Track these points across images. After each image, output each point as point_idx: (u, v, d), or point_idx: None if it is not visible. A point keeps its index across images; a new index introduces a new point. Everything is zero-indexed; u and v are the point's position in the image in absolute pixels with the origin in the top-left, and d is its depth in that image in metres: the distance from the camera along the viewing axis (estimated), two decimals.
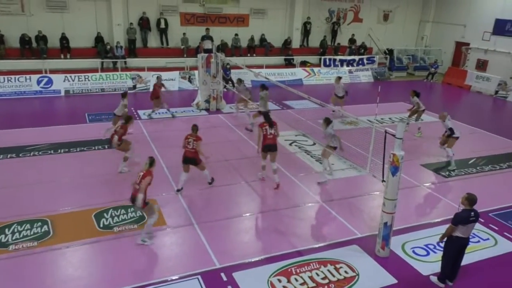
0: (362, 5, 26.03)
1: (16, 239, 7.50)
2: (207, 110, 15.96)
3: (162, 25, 21.26)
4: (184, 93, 18.81)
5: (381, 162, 7.24)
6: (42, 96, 17.31)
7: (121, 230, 7.91)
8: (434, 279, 6.86)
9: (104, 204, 8.74)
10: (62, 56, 19.46)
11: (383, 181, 7.18)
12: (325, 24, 25.61)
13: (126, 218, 8.30)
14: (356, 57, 24.05)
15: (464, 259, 6.78)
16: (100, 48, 19.87)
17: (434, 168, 11.49)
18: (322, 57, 23.26)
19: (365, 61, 24.15)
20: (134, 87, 18.74)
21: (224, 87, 17.12)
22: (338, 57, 23.67)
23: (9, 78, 17.15)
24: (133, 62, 20.25)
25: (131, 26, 20.57)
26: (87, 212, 8.46)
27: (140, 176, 7.39)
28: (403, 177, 8.23)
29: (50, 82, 17.71)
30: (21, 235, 7.62)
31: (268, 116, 9.90)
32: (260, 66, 21.59)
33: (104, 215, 8.36)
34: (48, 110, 16.00)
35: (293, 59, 23.48)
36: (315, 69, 22.92)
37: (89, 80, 18.31)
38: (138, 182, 7.34)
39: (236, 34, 22.55)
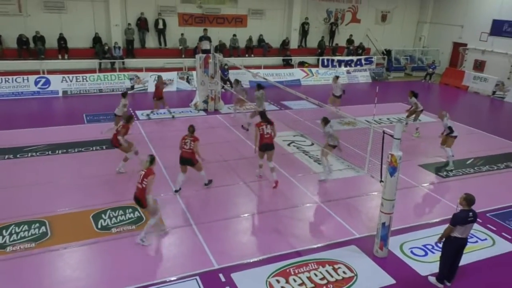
0: (360, 6, 26.04)
1: (14, 241, 7.48)
2: (205, 111, 15.96)
3: (160, 26, 21.25)
4: (182, 94, 18.79)
5: (379, 163, 7.27)
6: (40, 97, 17.27)
7: (119, 231, 7.89)
8: (432, 280, 6.87)
9: (102, 205, 8.73)
10: (60, 57, 19.42)
11: (381, 182, 7.19)
12: (323, 25, 25.61)
13: (124, 219, 8.28)
14: (354, 58, 24.25)
15: (462, 260, 6.78)
16: (98, 49, 19.86)
17: (432, 169, 11.52)
18: (320, 58, 23.47)
19: (363, 62, 24.37)
20: (132, 88, 18.71)
21: (222, 88, 17.12)
22: (336, 58, 23.85)
23: (7, 79, 17.11)
24: (131, 63, 20.24)
25: (129, 27, 20.56)
26: (85, 213, 8.44)
27: (142, 175, 7.37)
28: (401, 178, 8.26)
29: (48, 83, 17.68)
30: (19, 236, 7.59)
31: (265, 115, 9.91)
32: (258, 67, 21.63)
33: (102, 216, 8.35)
34: (46, 111, 15.96)
35: (291, 60, 23.48)
36: (313, 70, 22.93)
37: (87, 81, 18.27)
38: (140, 181, 7.33)
39: (234, 35, 22.53)
